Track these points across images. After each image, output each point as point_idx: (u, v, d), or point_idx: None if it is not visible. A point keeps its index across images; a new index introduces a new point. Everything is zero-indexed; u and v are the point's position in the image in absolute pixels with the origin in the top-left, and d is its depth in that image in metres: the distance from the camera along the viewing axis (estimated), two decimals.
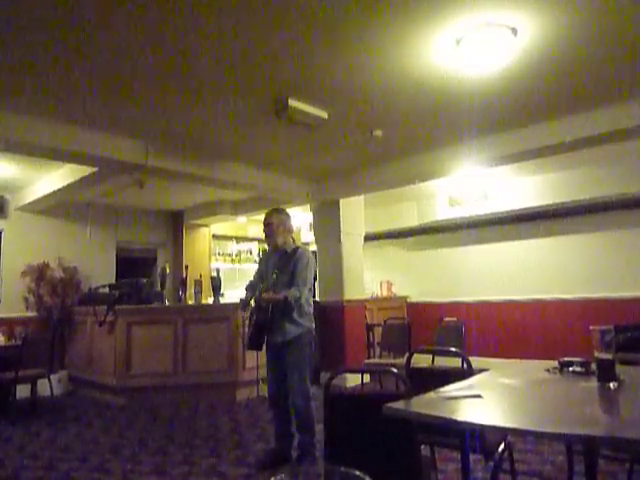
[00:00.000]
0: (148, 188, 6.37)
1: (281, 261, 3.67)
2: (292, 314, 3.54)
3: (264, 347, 3.64)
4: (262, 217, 3.83)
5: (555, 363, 2.49)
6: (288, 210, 3.97)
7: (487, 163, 5.32)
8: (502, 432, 2.28)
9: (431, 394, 1.99)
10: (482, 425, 1.77)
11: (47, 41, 3.00)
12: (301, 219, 8.72)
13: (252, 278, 3.92)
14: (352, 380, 6.04)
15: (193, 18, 2.81)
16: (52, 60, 3.24)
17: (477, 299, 7.93)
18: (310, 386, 3.57)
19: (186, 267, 7.28)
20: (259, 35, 3.01)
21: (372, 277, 8.35)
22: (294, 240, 3.83)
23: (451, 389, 2.07)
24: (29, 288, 6.70)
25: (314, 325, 3.70)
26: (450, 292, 8.31)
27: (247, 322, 3.82)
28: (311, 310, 3.68)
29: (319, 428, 3.02)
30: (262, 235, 3.86)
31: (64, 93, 3.78)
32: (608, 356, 2.11)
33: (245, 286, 3.91)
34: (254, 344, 3.58)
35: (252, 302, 3.69)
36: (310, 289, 3.67)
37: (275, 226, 3.67)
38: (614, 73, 3.67)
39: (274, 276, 3.61)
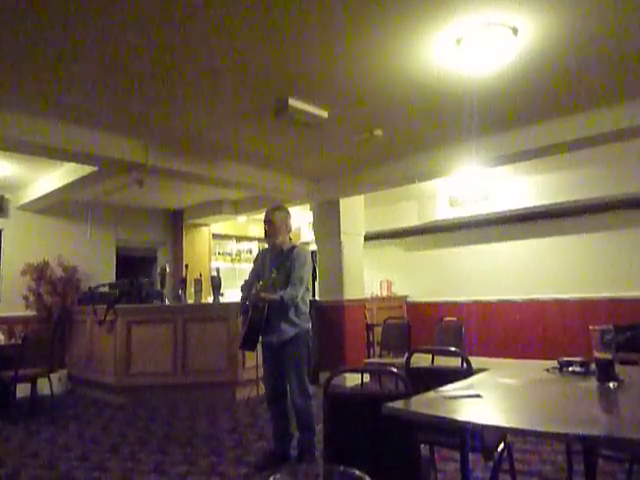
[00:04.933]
0: (148, 187, 6.36)
1: (278, 260, 3.63)
2: (288, 314, 3.51)
3: (259, 347, 3.62)
4: (262, 216, 3.80)
5: (555, 363, 2.49)
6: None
7: (487, 163, 5.31)
8: (502, 432, 2.28)
9: (431, 394, 1.99)
10: (482, 425, 1.77)
11: (47, 40, 3.00)
12: (301, 219, 8.71)
13: (247, 277, 3.87)
14: (352, 380, 6.04)
15: (193, 18, 2.81)
16: (52, 59, 3.24)
17: (477, 299, 7.93)
18: (309, 385, 3.57)
19: (186, 266, 7.28)
20: (259, 35, 3.01)
21: (372, 277, 8.34)
22: (291, 239, 3.82)
23: (451, 389, 2.07)
24: (29, 287, 6.70)
25: (310, 324, 3.68)
26: (450, 292, 8.31)
27: (242, 322, 3.80)
28: (307, 309, 3.66)
29: (319, 428, 3.03)
30: (262, 235, 3.84)
31: (64, 92, 3.78)
32: (608, 356, 2.11)
33: (240, 286, 3.87)
34: (247, 344, 3.55)
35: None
36: (307, 288, 3.64)
37: (277, 225, 3.63)
38: (615, 72, 3.67)
39: (273, 275, 3.57)
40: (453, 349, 3.45)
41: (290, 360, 3.51)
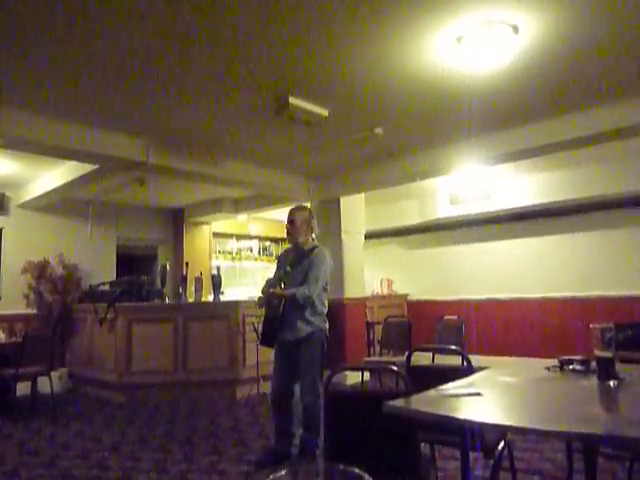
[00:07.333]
0: (149, 185, 6.37)
1: (297, 259, 3.64)
2: (304, 313, 3.50)
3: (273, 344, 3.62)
4: (262, 215, 3.82)
5: (555, 361, 2.49)
6: (287, 207, 3.94)
7: (488, 161, 5.31)
8: (502, 430, 2.28)
9: (431, 392, 1.99)
10: (482, 423, 1.77)
11: (49, 40, 2.99)
12: None
13: (271, 277, 3.83)
14: (352, 378, 6.04)
15: (193, 17, 2.80)
16: (54, 59, 3.23)
17: (478, 297, 7.93)
18: (321, 385, 3.54)
19: (186, 264, 7.27)
20: (260, 33, 3.00)
21: (373, 275, 8.35)
22: (314, 239, 3.80)
23: (451, 387, 2.07)
24: (29, 285, 6.71)
25: (327, 325, 3.66)
26: (451, 290, 8.31)
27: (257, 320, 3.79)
28: (325, 310, 3.64)
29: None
30: (262, 233, 3.85)
31: (65, 91, 3.77)
32: (608, 354, 2.11)
33: (263, 286, 3.83)
34: (266, 340, 3.57)
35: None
36: (325, 289, 3.63)
37: (298, 225, 3.64)
38: (615, 71, 3.66)
39: (283, 272, 3.57)
40: (454, 347, 3.44)
41: (304, 358, 3.50)
